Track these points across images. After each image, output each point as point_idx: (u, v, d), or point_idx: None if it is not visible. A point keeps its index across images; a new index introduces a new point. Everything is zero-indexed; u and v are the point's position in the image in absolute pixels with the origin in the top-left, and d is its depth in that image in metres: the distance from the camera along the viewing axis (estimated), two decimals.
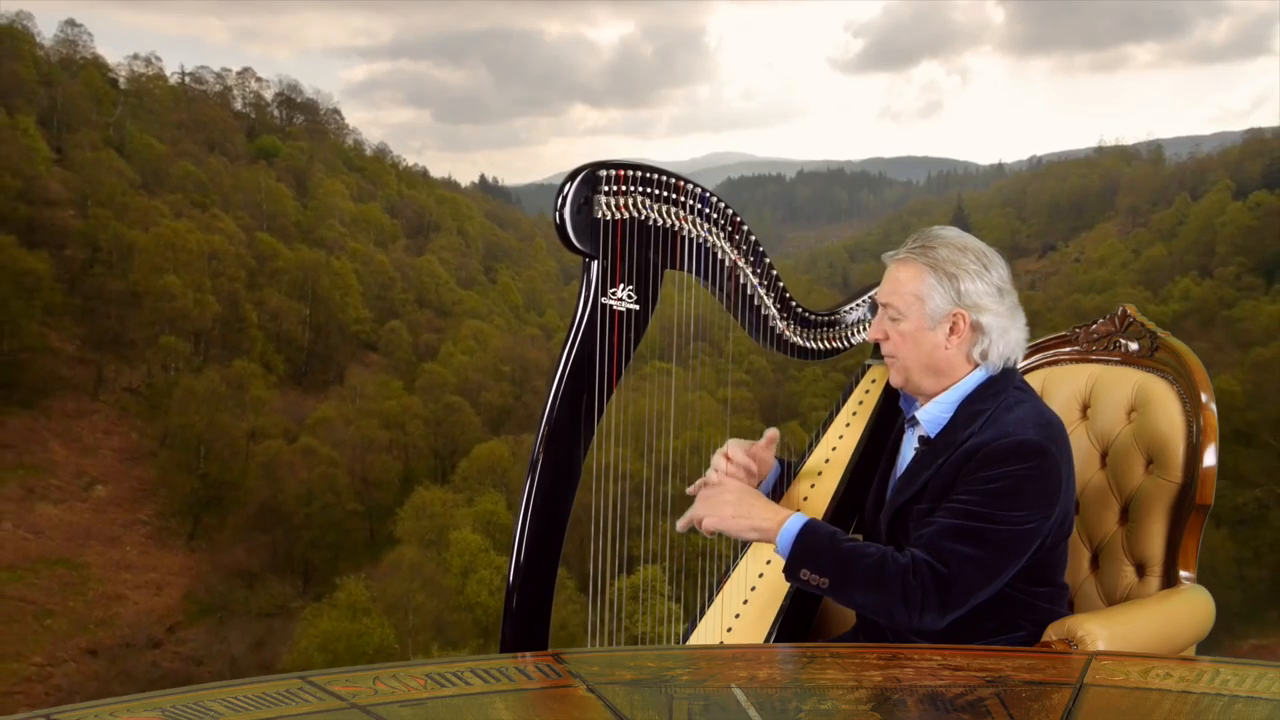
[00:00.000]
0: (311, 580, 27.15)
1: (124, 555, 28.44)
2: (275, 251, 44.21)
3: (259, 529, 29.04)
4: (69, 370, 34.27)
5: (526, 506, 1.80)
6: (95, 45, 65.39)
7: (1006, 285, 1.83)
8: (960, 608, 1.72)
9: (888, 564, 1.71)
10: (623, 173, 1.80)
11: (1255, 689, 1.24)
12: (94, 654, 23.98)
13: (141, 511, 30.57)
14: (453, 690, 1.19)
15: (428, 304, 53.38)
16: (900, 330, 1.83)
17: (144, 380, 35.17)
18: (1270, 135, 65.14)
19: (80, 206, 39.21)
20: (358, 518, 28.98)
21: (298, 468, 29.23)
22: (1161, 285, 45.86)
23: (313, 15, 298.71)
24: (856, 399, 2.26)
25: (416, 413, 33.82)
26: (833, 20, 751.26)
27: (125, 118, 53.71)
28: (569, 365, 1.80)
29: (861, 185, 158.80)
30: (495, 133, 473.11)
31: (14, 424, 30.86)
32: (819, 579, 1.75)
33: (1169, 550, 2.01)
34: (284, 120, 69.77)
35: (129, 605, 26.43)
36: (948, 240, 1.83)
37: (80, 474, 30.77)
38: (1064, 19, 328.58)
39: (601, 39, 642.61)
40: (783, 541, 1.77)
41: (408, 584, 18.41)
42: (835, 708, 1.19)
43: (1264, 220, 47.53)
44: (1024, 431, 1.75)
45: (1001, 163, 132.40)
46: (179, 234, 36.02)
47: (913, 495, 1.84)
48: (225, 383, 31.89)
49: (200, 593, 27.33)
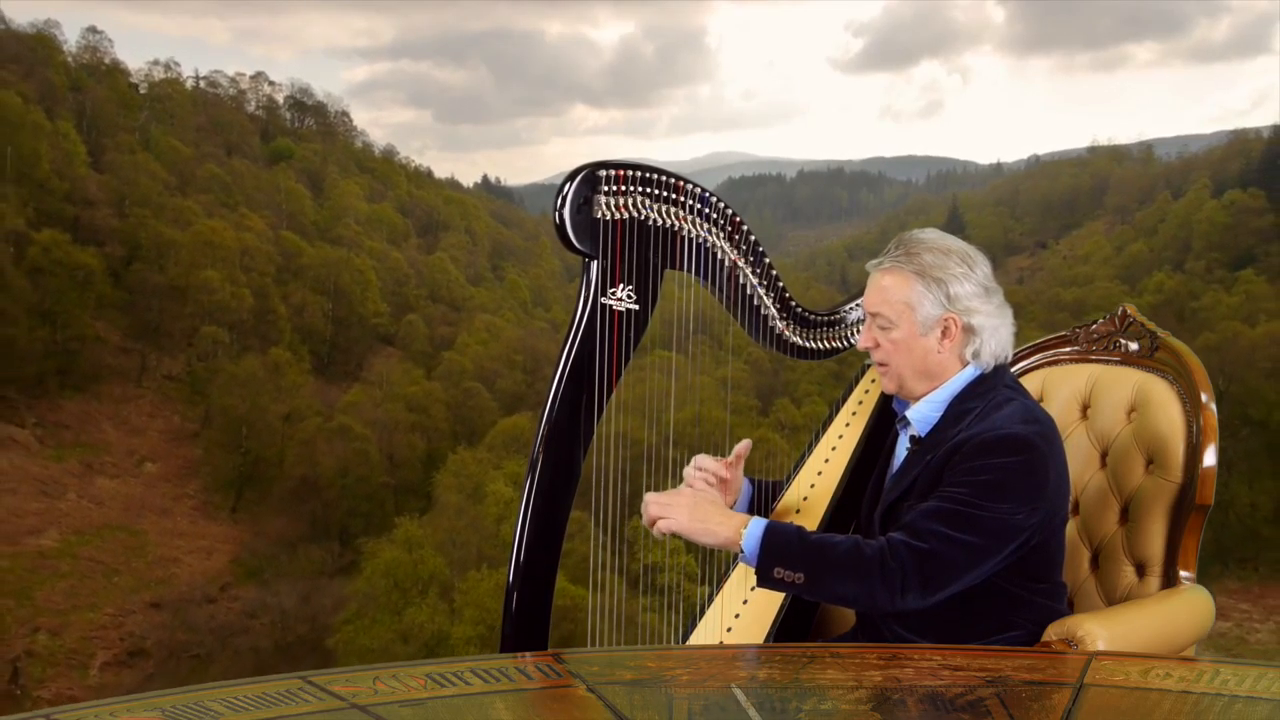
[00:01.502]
0: (348, 545, 30.31)
1: (175, 524, 31.58)
2: (299, 249, 47.31)
3: (298, 500, 32.19)
4: (114, 358, 37.38)
5: (526, 506, 1.81)
6: (115, 51, 68.44)
7: (991, 283, 1.85)
8: (944, 589, 1.71)
9: (862, 549, 1.71)
10: (622, 173, 1.82)
11: (1255, 689, 1.23)
12: (158, 607, 27.14)
13: (188, 486, 33.70)
14: (453, 690, 1.20)
15: (440, 299, 56.29)
16: (892, 338, 1.85)
17: (184, 368, 38.28)
18: (1253, 136, 67.99)
19: (118, 206, 42.29)
20: (388, 490, 32.14)
21: (334, 444, 32.42)
22: (1139, 279, 48.85)
23: (314, 16, 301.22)
24: (856, 399, 2.26)
25: (438, 397, 36.98)
26: (833, 20, 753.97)
27: (150, 122, 56.87)
28: (569, 365, 1.81)
29: (861, 185, 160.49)
30: (496, 133, 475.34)
31: (70, 407, 33.99)
32: (793, 575, 1.73)
33: (1169, 550, 2.01)
34: (296, 123, 72.69)
35: (184, 567, 29.58)
36: (930, 244, 1.85)
37: (131, 452, 33.90)
38: (1064, 18, 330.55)
39: (602, 39, 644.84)
40: (749, 545, 1.75)
41: (454, 521, 21.62)
42: (835, 708, 1.18)
43: (1237, 218, 50.60)
44: (1011, 426, 1.76)
45: (1000, 162, 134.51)
46: (215, 231, 39.21)
47: (902, 493, 1.85)
48: (263, 368, 35.11)
49: (246, 557, 30.47)
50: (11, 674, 23.23)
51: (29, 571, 26.61)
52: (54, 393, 33.81)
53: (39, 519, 28.72)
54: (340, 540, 30.93)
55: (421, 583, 20.06)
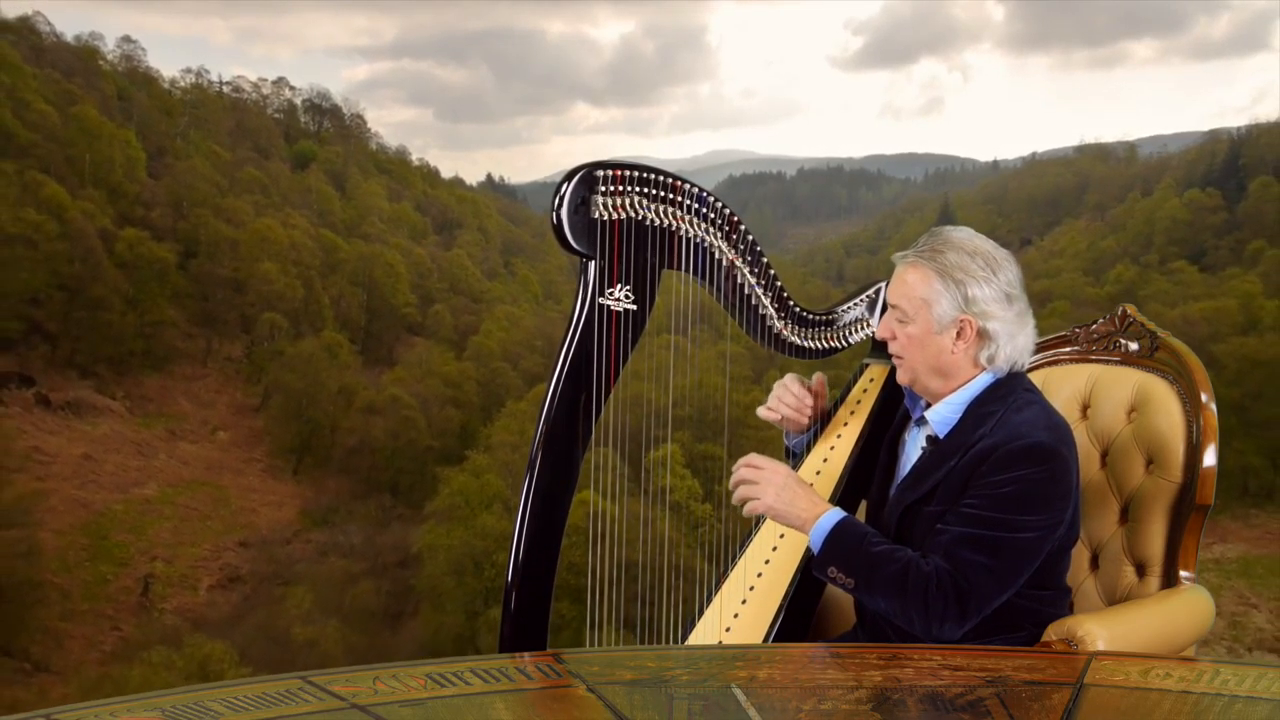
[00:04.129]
0: (398, 498, 36.20)
1: (249, 482, 37.48)
2: (336, 245, 53.13)
3: (352, 462, 38.08)
4: (183, 342, 43.28)
5: (525, 506, 1.86)
6: (148, 59, 74.15)
7: (1015, 289, 1.89)
8: (977, 617, 1.81)
9: (911, 573, 1.80)
10: (620, 173, 1.85)
11: (1255, 689, 1.26)
12: (246, 545, 33.04)
13: (255, 451, 39.60)
14: (453, 690, 1.22)
15: (460, 292, 61.94)
16: (908, 332, 1.92)
17: (243, 352, 44.17)
18: (1224, 137, 73.36)
19: (176, 207, 48.11)
20: (431, 453, 38.00)
21: (384, 414, 38.31)
22: (1104, 272, 54.63)
23: (315, 15, 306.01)
24: (854, 398, 2.30)
25: (470, 375, 42.80)
26: (832, 18, 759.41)
27: (190, 128, 62.69)
28: (567, 365, 1.86)
29: (860, 183, 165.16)
30: (497, 131, 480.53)
31: (152, 383, 39.90)
32: (845, 578, 1.85)
33: (1169, 550, 2.07)
34: (315, 126, 78.36)
35: (260, 516, 35.47)
36: (957, 244, 1.90)
37: (205, 422, 39.82)
38: (1063, 16, 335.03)
39: (603, 38, 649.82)
40: (815, 537, 1.87)
41: (509, 456, 27.36)
42: (835, 708, 1.20)
43: (1195, 215, 56.38)
44: (1035, 434, 1.82)
45: (997, 160, 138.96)
46: (270, 229, 45.12)
47: (922, 496, 1.91)
48: (319, 349, 41.06)
49: (312, 509, 36.35)
50: (144, 588, 29.25)
51: (139, 515, 32.53)
52: (136, 370, 39.69)
53: (140, 474, 34.66)
54: (391, 494, 36.82)
55: (487, 498, 25.96)
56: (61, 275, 37.28)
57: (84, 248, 37.82)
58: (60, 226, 37.02)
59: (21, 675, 24.58)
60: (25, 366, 35.70)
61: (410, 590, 27.31)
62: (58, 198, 38.05)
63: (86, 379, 37.39)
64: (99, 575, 29.18)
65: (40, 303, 37.26)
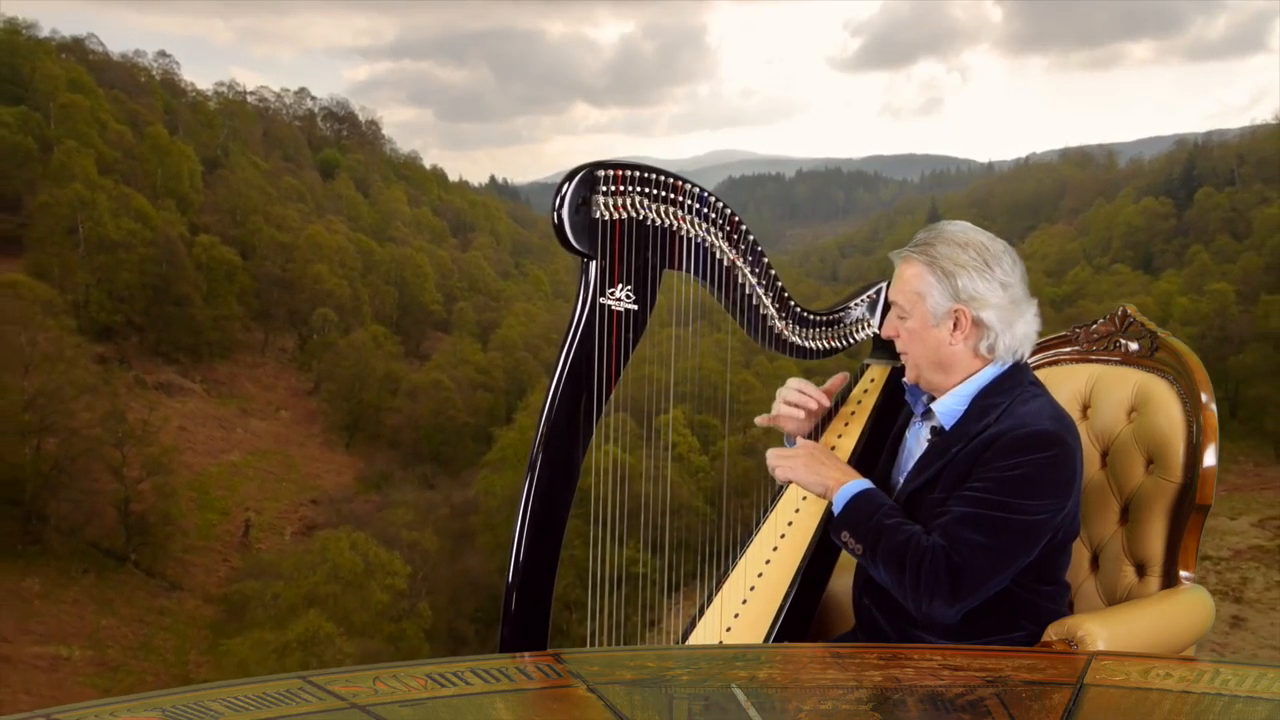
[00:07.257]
0: (440, 468, 43.71)
1: (311, 453, 44.96)
2: (370, 248, 60.64)
3: (398, 438, 45.56)
4: (243, 335, 50.76)
5: (525, 506, 1.91)
6: (181, 72, 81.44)
7: (1011, 279, 1.96)
8: (971, 597, 1.85)
9: (910, 546, 1.87)
10: (620, 173, 1.90)
11: (1255, 689, 1.28)
12: (316, 502, 40.50)
13: (312, 429, 47.08)
14: (453, 690, 1.24)
15: (479, 291, 69.31)
16: (908, 328, 2.00)
17: (295, 344, 51.67)
18: (1191, 144, 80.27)
19: (232, 214, 55.57)
20: (468, 429, 45.43)
21: (426, 396, 45.80)
22: (1064, 273, 62.07)
23: (316, 16, 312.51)
24: (855, 398, 2.36)
25: (497, 363, 50.29)
26: (831, 19, 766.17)
27: (229, 139, 70.09)
28: (568, 365, 1.90)
29: (858, 184, 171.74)
30: (497, 131, 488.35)
31: (222, 368, 47.39)
32: (855, 544, 1.94)
33: (1169, 550, 2.13)
34: (334, 134, 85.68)
35: (325, 480, 42.95)
36: (949, 236, 1.97)
37: (269, 403, 47.32)
38: (1062, 16, 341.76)
39: (603, 38, 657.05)
40: (838, 501, 1.98)
41: None
42: (835, 708, 1.22)
43: (1149, 221, 63.89)
44: (1040, 423, 1.89)
45: (991, 162, 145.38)
46: (319, 234, 52.67)
47: (925, 483, 1.98)
48: (367, 340, 48.65)
49: (366, 475, 43.81)
50: (244, 531, 36.82)
51: (230, 475, 40.00)
52: (209, 358, 47.17)
53: (224, 443, 42.16)
54: (434, 463, 44.31)
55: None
56: (149, 275, 44.73)
57: (169, 251, 45.32)
58: (150, 233, 44.49)
59: (162, 590, 32.20)
60: (122, 353, 43.18)
61: (469, 530, 34.61)
62: (144, 209, 45.54)
63: (170, 365, 44.88)
64: (207, 521, 36.70)
65: (130, 299, 44.72)
